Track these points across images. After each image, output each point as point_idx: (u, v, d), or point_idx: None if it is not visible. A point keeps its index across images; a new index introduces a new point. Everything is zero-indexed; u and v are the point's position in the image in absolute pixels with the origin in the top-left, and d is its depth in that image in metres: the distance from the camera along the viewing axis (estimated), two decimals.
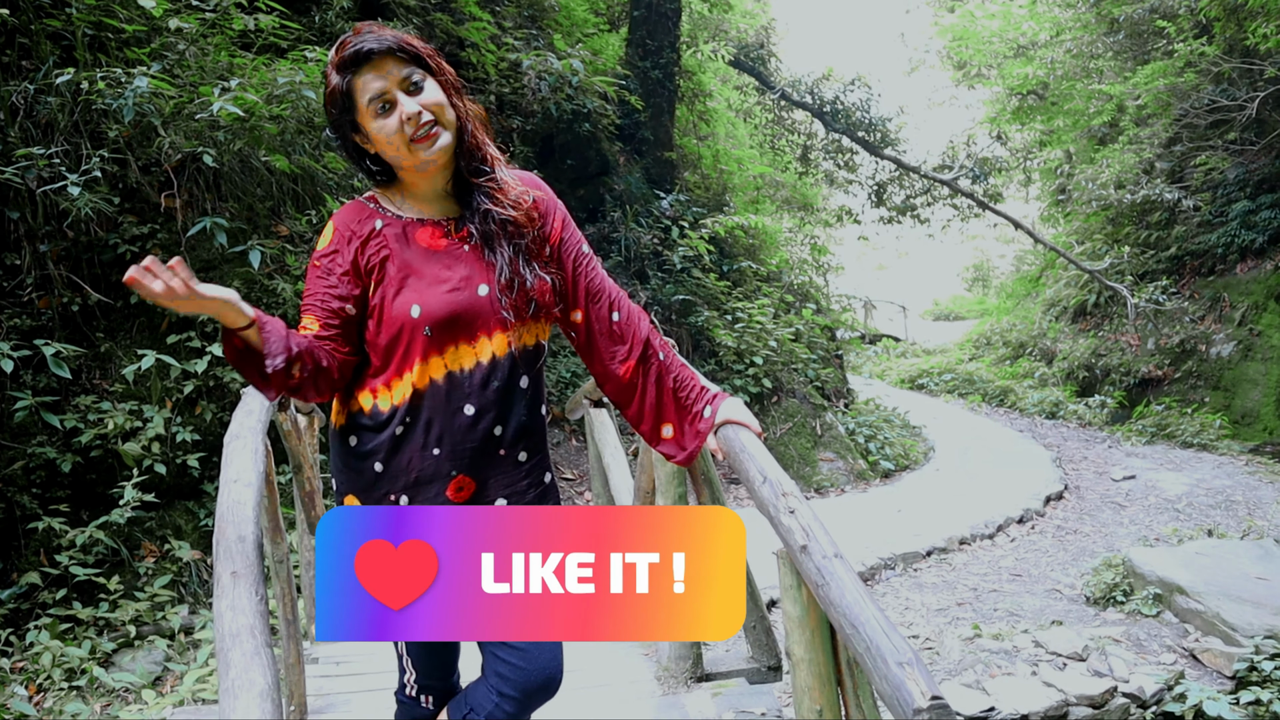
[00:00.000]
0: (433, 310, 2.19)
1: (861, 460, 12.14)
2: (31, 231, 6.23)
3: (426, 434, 2.22)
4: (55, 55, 6.53)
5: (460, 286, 2.22)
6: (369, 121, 2.17)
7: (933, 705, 1.67)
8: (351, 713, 3.85)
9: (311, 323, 2.22)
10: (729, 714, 3.71)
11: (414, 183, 2.28)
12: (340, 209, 2.31)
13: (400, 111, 2.14)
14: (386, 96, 2.14)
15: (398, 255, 2.23)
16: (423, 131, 2.15)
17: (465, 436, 2.24)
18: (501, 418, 2.27)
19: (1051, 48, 21.32)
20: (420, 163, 2.19)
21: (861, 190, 23.48)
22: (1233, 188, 17.10)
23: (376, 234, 2.24)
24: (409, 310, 2.19)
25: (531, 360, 2.32)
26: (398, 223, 2.26)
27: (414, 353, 2.21)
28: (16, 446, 5.96)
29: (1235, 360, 15.95)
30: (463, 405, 2.22)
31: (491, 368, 2.24)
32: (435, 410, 2.21)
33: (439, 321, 2.19)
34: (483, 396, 2.24)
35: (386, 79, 2.14)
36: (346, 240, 2.24)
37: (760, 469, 2.39)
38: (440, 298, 2.20)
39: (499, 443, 2.28)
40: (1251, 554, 7.94)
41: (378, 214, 2.27)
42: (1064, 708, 5.78)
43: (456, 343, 2.22)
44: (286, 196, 7.33)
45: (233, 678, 1.80)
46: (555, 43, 11.52)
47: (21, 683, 5.16)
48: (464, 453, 2.24)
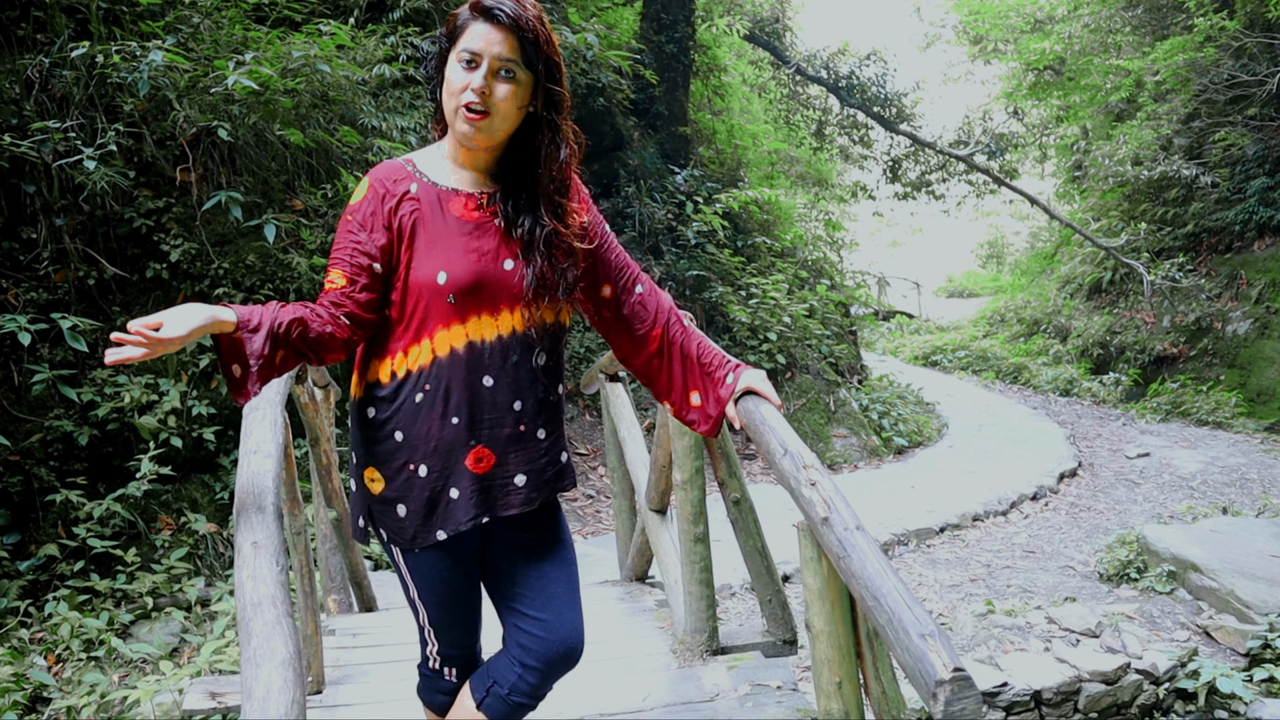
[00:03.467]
0: (458, 277, 2.18)
1: (875, 437, 12.12)
2: (47, 205, 6.24)
3: (446, 402, 2.21)
4: (70, 29, 6.53)
5: (487, 258, 2.22)
6: (451, 65, 2.17)
7: (955, 677, 1.66)
8: (369, 684, 3.86)
9: (339, 277, 2.21)
10: (745, 687, 3.72)
11: (458, 144, 2.27)
12: (378, 166, 2.31)
13: (472, 80, 2.13)
14: (477, 58, 2.13)
15: (429, 220, 2.22)
16: (472, 112, 2.14)
17: (485, 407, 2.24)
18: (520, 393, 2.27)
19: (1069, 22, 21.11)
20: (459, 132, 2.19)
21: (876, 166, 23.36)
22: (1251, 164, 16.95)
23: (411, 196, 2.24)
24: (435, 276, 2.18)
25: (552, 337, 2.32)
26: (433, 190, 2.25)
27: (435, 318, 2.20)
28: (34, 419, 5.99)
29: (1251, 338, 15.85)
30: (482, 376, 2.22)
31: (511, 341, 2.24)
32: (455, 378, 2.21)
33: (463, 289, 2.18)
34: (502, 370, 2.24)
35: (489, 47, 2.13)
36: (380, 197, 2.23)
37: (781, 441, 2.38)
38: (467, 266, 2.19)
39: (518, 418, 2.28)
40: (1266, 532, 7.92)
41: (414, 177, 2.27)
42: (1077, 684, 5.78)
43: (480, 312, 2.21)
44: (301, 170, 7.33)
45: (254, 646, 1.80)
46: (570, 17, 11.45)
47: (40, 653, 5.21)
48: (482, 423, 2.24)
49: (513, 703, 2.36)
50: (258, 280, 6.77)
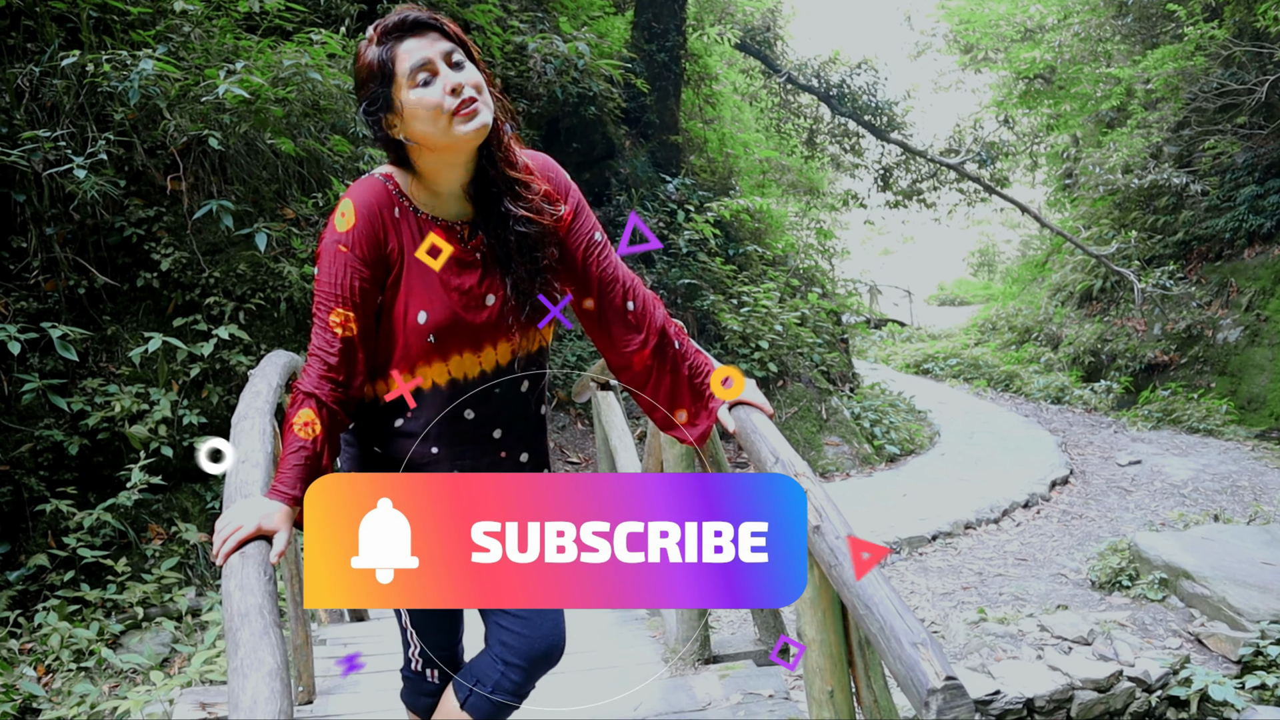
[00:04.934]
0: (438, 318, 2.14)
1: (867, 445, 12.13)
2: (38, 214, 6.23)
3: (425, 431, 2.20)
4: (60, 38, 6.52)
5: (468, 296, 2.17)
6: (405, 93, 2.06)
7: (947, 685, 1.66)
8: (359, 694, 3.85)
9: (349, 321, 2.11)
10: (736, 695, 3.71)
11: (436, 171, 2.16)
12: (357, 187, 2.17)
13: (444, 82, 2.04)
14: (430, 66, 2.05)
15: (410, 252, 2.14)
16: (467, 107, 2.05)
17: (465, 439, 2.24)
18: (503, 422, 2.27)
19: (1059, 31, 21.18)
20: (457, 139, 2.07)
21: (868, 174, 23.40)
22: (1241, 172, 17.01)
23: (396, 220, 2.15)
24: (416, 316, 2.14)
25: (535, 365, 2.30)
26: (414, 218, 2.17)
27: (416, 356, 2.17)
28: (24, 429, 5.97)
29: (1242, 345, 15.89)
30: (463, 410, 2.21)
31: (494, 375, 2.22)
32: (435, 413, 2.19)
33: (443, 329, 2.14)
34: (484, 403, 2.23)
35: (433, 49, 2.06)
36: (369, 222, 2.12)
37: (772, 449, 2.38)
38: (446, 306, 2.14)
39: (499, 446, 2.28)
40: (1258, 539, 7.93)
41: (398, 201, 2.17)
42: (1069, 691, 5.78)
43: (461, 351, 2.18)
44: (292, 179, 7.32)
45: (241, 657, 1.79)
46: (561, 25, 11.47)
47: (30, 663, 5.18)
48: (463, 453, 2.24)
49: (496, 701, 2.34)
50: (249, 289, 6.75)
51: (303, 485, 2.03)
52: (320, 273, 2.14)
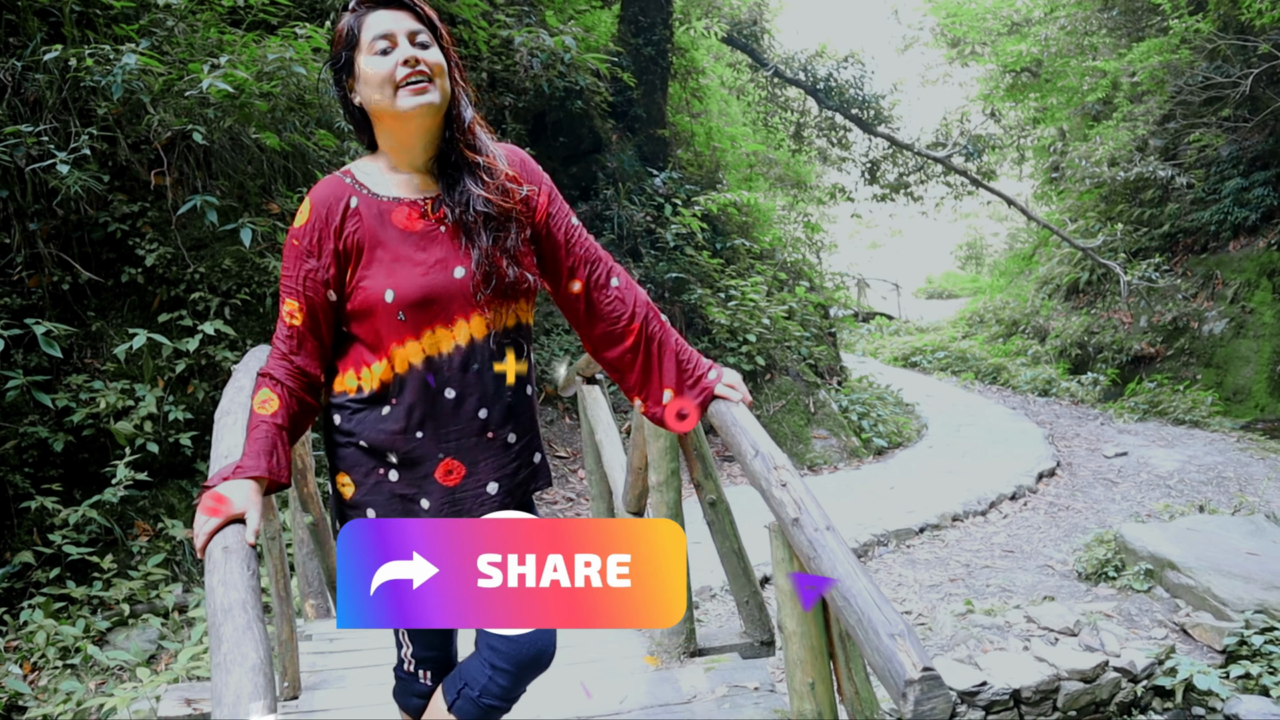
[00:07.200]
0: (406, 294, 2.14)
1: (855, 438, 12.16)
2: (21, 210, 6.20)
3: (409, 418, 2.19)
4: (43, 32, 6.48)
5: (435, 269, 2.17)
6: (363, 58, 2.15)
7: (924, 676, 1.67)
8: (345, 689, 3.85)
9: (297, 311, 2.19)
10: (722, 688, 3.72)
11: (395, 149, 2.23)
12: (317, 185, 2.25)
13: (400, 54, 2.12)
14: (390, 37, 2.13)
15: (372, 236, 2.17)
16: (415, 79, 2.11)
17: (449, 421, 2.22)
18: (485, 401, 2.24)
19: (1045, 24, 21.24)
20: (400, 111, 2.13)
21: (855, 168, 23.44)
22: (1226, 165, 17.09)
23: (353, 211, 2.19)
24: (383, 295, 2.14)
25: (514, 341, 2.28)
26: (374, 202, 2.20)
27: (389, 337, 2.17)
28: (8, 426, 5.95)
29: (1227, 337, 15.98)
30: (444, 389, 2.20)
31: (470, 350, 2.20)
32: (416, 395, 2.19)
33: (412, 305, 2.14)
34: (464, 380, 2.21)
35: (398, 24, 2.14)
36: (324, 218, 2.18)
37: (753, 442, 2.39)
38: (414, 281, 2.15)
39: (485, 425, 2.26)
40: (1242, 529, 7.98)
41: (354, 190, 2.21)
42: (1055, 682, 5.81)
43: (433, 326, 2.17)
44: (277, 174, 7.30)
45: (224, 652, 1.79)
46: (547, 19, 11.45)
47: (16, 661, 5.17)
48: (449, 435, 2.22)
49: (484, 705, 2.34)
50: (234, 285, 6.74)
51: (266, 458, 2.12)
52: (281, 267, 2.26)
